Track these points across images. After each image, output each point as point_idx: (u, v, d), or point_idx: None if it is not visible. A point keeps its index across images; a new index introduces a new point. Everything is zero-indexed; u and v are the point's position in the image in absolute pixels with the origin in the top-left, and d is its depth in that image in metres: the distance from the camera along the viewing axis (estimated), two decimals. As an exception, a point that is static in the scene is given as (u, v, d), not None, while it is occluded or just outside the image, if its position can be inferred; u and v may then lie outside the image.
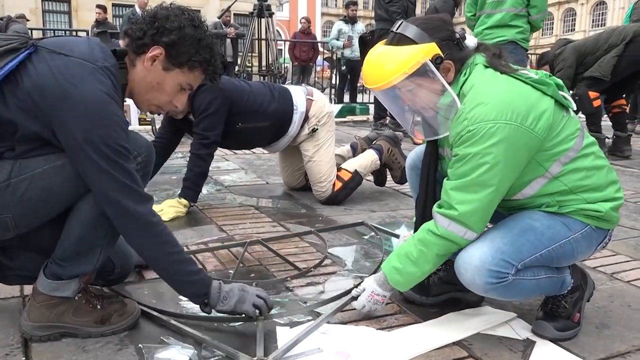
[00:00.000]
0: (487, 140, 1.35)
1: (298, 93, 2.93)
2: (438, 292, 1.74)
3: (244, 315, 1.49)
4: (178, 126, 2.81)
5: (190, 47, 1.44)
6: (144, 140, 1.53)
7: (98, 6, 9.38)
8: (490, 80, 1.44)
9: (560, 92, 1.44)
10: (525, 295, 1.55)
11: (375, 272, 1.83)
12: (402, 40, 1.44)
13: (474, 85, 1.43)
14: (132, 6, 7.83)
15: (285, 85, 3.17)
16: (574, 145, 1.44)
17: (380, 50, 1.50)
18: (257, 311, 1.48)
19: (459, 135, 1.41)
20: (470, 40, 1.52)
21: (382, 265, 1.59)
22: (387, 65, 1.44)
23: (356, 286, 1.65)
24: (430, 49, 1.41)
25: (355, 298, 1.62)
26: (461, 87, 1.46)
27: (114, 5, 21.16)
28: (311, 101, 2.92)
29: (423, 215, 1.61)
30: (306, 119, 2.89)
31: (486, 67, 1.46)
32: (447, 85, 1.44)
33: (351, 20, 8.55)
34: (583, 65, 4.47)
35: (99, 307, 1.49)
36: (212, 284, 1.46)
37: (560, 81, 1.47)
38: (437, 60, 1.42)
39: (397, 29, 1.46)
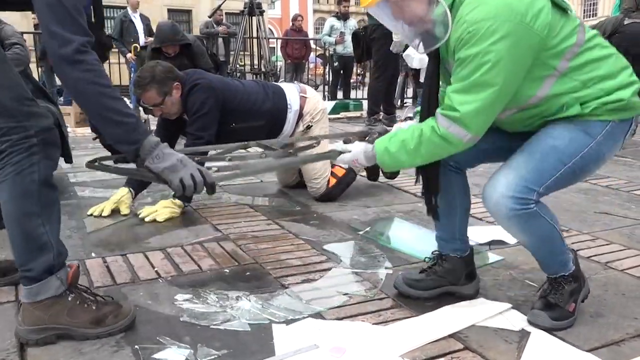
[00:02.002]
0: (488, 39, 1.34)
1: (292, 91, 2.93)
2: (433, 286, 1.75)
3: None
4: (172, 128, 2.80)
5: None
6: (48, 117, 1.49)
7: None
8: None
9: None
10: (539, 238, 1.54)
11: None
12: None
13: None
14: (124, 8, 7.80)
15: (278, 84, 3.17)
16: (577, 40, 1.43)
17: None
18: (182, 187, 1.41)
19: (459, 39, 1.39)
20: None
21: (376, 142, 1.57)
22: None
23: (345, 141, 1.65)
24: None
25: (338, 153, 1.64)
26: None
27: (105, 7, 21.06)
28: (305, 98, 2.92)
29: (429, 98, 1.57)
30: (300, 116, 2.90)
31: None
32: None
33: (343, 16, 8.54)
34: None
35: (94, 307, 1.49)
36: (149, 137, 1.41)
37: None
38: None
39: None
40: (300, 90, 2.97)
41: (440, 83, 1.59)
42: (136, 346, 1.42)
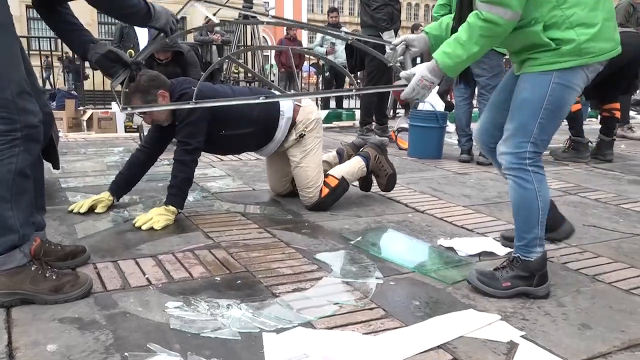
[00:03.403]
0: None
1: (285, 103, 2.94)
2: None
3: None
4: (164, 133, 2.82)
5: None
6: (34, 113, 1.65)
7: None
8: None
9: None
10: (521, 199, 1.81)
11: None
12: None
13: None
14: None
15: (272, 91, 3.19)
16: None
17: None
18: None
19: None
20: None
21: (434, 53, 1.78)
22: None
23: (401, 69, 1.97)
24: None
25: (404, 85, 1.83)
26: None
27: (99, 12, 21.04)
28: (299, 107, 2.94)
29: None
30: (293, 124, 2.91)
31: None
32: None
33: (333, 26, 8.60)
34: None
35: (54, 277, 1.70)
36: (154, 8, 2.03)
37: None
38: None
39: None
40: (293, 102, 2.98)
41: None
42: (126, 353, 1.42)
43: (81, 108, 6.89)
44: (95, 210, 2.74)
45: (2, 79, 1.56)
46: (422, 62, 1.98)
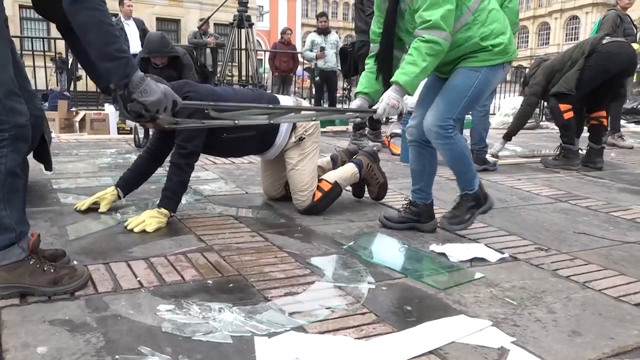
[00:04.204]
0: None
1: (287, 103, 2.96)
2: (401, 221, 2.61)
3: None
4: (167, 135, 2.82)
5: None
6: (23, 113, 1.66)
7: None
8: None
9: None
10: (454, 156, 2.32)
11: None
12: None
13: None
14: (116, 15, 7.76)
15: (275, 94, 3.21)
16: None
17: None
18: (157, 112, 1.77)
19: None
20: None
21: (393, 78, 2.20)
22: None
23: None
24: None
25: (374, 111, 2.25)
26: None
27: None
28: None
29: (384, 59, 2.34)
30: (293, 129, 2.92)
31: None
32: None
33: (322, 31, 8.62)
34: (553, 82, 4.63)
35: (52, 270, 1.74)
36: (137, 71, 1.64)
37: None
38: None
39: None
40: (295, 103, 3.00)
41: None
42: (117, 356, 1.41)
43: (74, 109, 6.86)
44: (99, 210, 2.74)
45: None
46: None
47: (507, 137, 4.95)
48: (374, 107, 2.25)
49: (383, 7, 2.37)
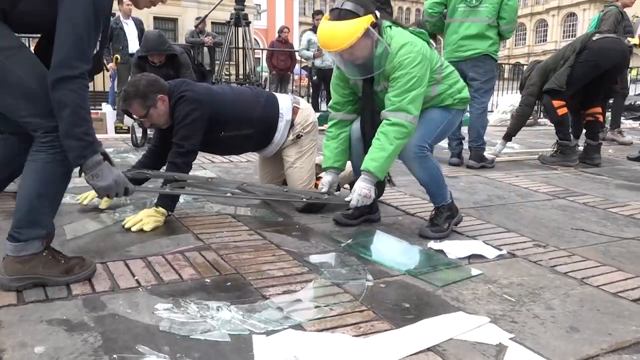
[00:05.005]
0: (413, 63, 2.31)
1: (285, 101, 2.98)
2: (358, 216, 2.66)
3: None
4: (167, 133, 2.82)
5: None
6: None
7: None
8: (400, 32, 2.38)
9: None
10: (430, 174, 2.48)
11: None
12: (347, 15, 2.22)
13: (392, 37, 2.35)
14: (113, 15, 7.74)
15: (273, 92, 3.22)
16: (440, 62, 2.48)
17: (332, 24, 2.26)
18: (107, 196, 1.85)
19: (393, 66, 2.33)
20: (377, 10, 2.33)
21: (363, 166, 2.36)
22: (345, 32, 2.21)
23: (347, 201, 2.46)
24: (370, 18, 2.25)
25: (347, 202, 2.40)
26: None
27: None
28: (297, 109, 2.97)
29: (364, 133, 2.52)
30: (292, 126, 2.93)
31: (391, 26, 2.39)
32: (382, 40, 2.31)
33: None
34: (547, 81, 4.64)
35: (63, 261, 1.83)
36: (94, 155, 1.72)
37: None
38: (373, 25, 2.27)
39: (341, 6, 2.24)
40: (293, 101, 3.00)
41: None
42: (114, 355, 1.41)
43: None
44: (99, 206, 2.78)
45: (37, 99, 1.69)
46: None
47: (508, 137, 4.96)
48: (347, 199, 2.38)
49: (351, 82, 2.55)
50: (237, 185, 2.72)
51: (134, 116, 2.71)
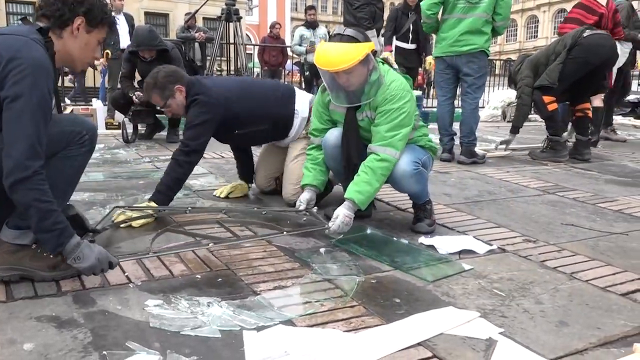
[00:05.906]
0: (405, 99, 2.37)
1: (303, 98, 3.00)
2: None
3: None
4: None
5: (99, 10, 1.82)
6: (90, 122, 1.95)
7: None
8: (391, 70, 2.47)
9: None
10: (422, 185, 2.51)
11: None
12: (350, 40, 2.29)
13: (386, 72, 2.42)
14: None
15: (294, 88, 3.22)
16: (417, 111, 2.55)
17: (335, 44, 2.31)
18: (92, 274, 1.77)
19: (385, 98, 2.37)
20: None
21: (347, 194, 2.35)
22: (347, 55, 2.26)
23: (327, 219, 2.40)
24: (371, 45, 2.33)
25: (328, 228, 2.32)
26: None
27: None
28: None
29: (348, 160, 2.52)
30: (307, 122, 2.96)
31: (383, 62, 2.49)
32: (378, 68, 2.37)
33: (311, 25, 8.59)
34: (538, 76, 4.65)
35: (51, 256, 1.79)
36: (71, 240, 1.69)
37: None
38: (373, 53, 2.34)
39: (343, 32, 2.32)
40: (311, 99, 3.02)
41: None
42: (104, 352, 1.40)
43: (62, 104, 6.79)
44: (230, 195, 3.08)
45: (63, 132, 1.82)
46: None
47: (515, 130, 4.97)
48: (328, 224, 2.32)
49: (331, 107, 2.58)
50: (219, 211, 2.77)
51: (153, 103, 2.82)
